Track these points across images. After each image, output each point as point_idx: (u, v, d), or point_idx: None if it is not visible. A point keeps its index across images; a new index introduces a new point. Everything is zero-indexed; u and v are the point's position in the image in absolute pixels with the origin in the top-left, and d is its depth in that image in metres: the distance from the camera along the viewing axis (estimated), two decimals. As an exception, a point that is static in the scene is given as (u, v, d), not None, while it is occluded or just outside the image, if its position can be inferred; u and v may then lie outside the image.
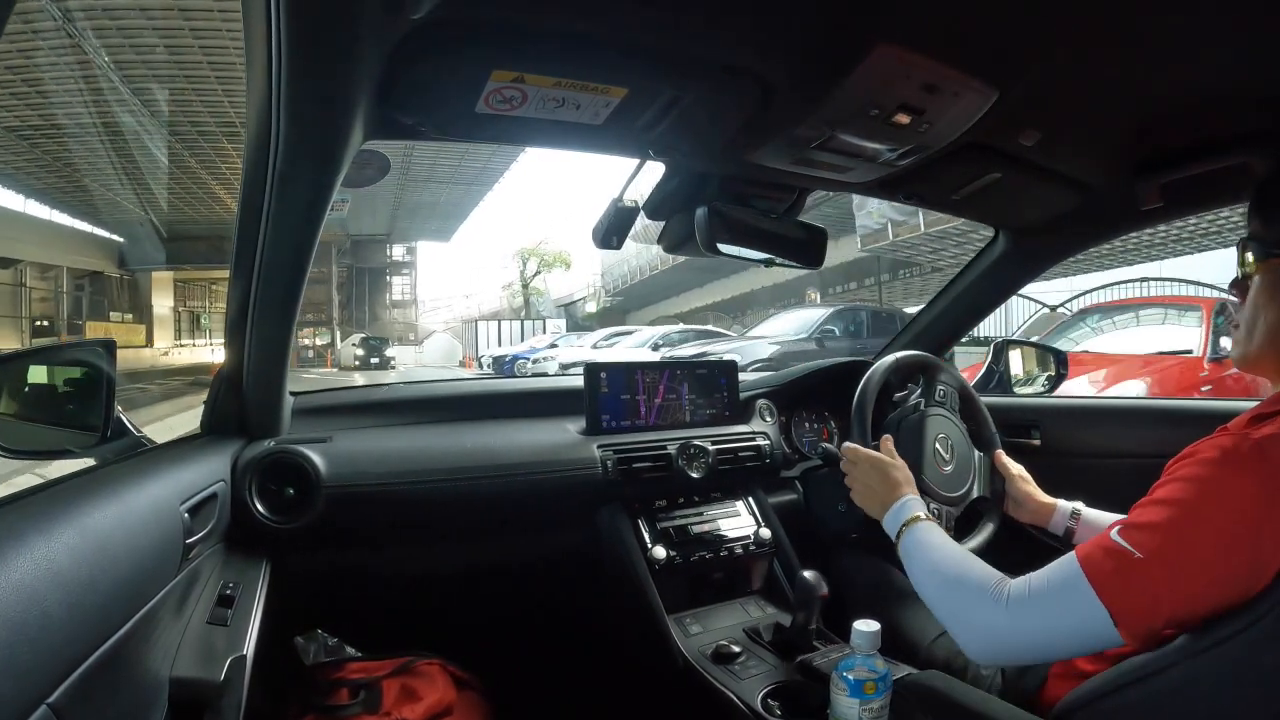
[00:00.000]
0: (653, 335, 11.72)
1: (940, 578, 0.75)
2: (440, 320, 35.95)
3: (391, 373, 19.73)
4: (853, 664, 0.74)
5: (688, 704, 1.01)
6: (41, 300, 19.74)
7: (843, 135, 0.81)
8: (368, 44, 0.58)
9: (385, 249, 29.85)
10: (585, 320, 26.82)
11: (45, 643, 0.44)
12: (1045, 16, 0.64)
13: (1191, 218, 7.18)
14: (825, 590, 0.96)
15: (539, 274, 26.28)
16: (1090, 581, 0.61)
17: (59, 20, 10.69)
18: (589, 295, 29.71)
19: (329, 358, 22.92)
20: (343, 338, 23.77)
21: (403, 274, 31.65)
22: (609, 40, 0.65)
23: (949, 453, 1.11)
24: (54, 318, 19.71)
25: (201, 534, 0.78)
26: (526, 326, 21.93)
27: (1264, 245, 0.66)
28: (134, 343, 22.19)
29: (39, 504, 0.55)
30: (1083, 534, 1.03)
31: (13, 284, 18.16)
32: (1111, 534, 0.62)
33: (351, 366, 20.50)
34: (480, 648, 1.19)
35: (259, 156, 0.68)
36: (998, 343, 1.58)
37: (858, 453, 0.96)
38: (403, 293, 31.86)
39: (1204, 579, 0.58)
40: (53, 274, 19.97)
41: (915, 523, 0.83)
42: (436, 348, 24.35)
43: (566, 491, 1.13)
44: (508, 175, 22.36)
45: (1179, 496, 0.60)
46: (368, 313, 28.79)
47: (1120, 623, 0.60)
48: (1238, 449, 0.59)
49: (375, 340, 22.03)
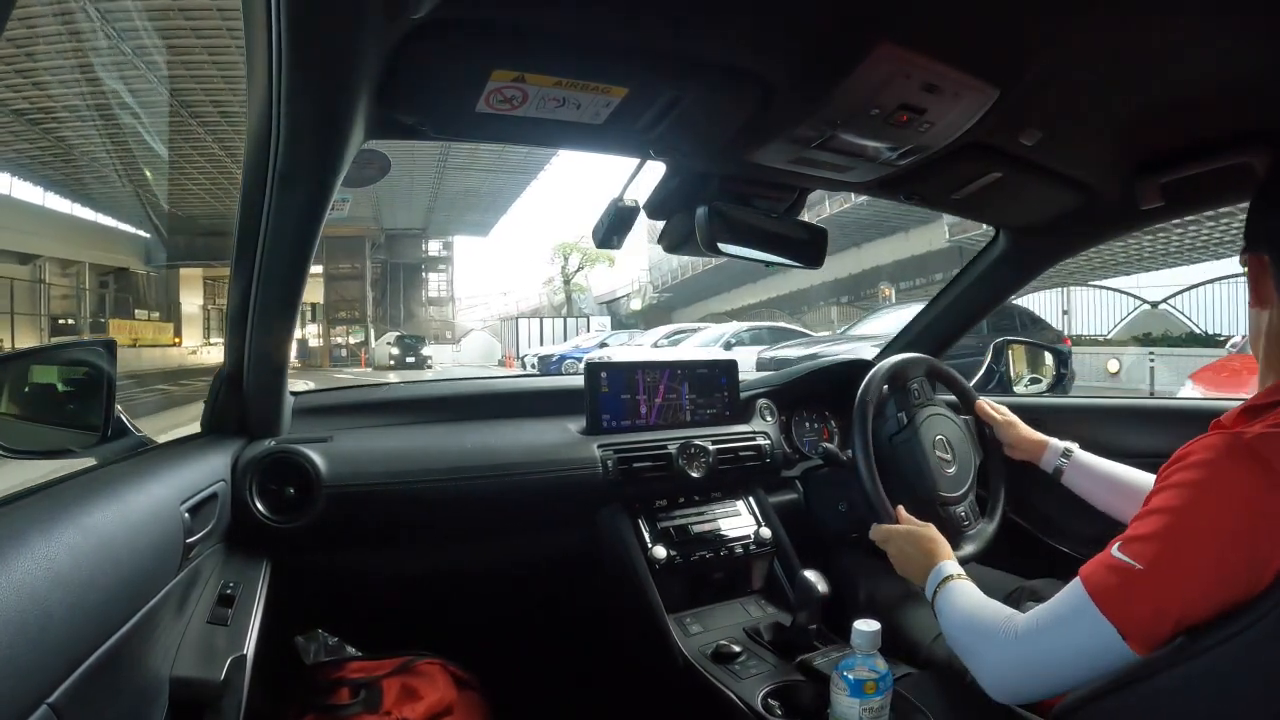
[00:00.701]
0: (722, 333, 10.62)
1: (961, 626, 0.77)
2: (477, 318, 35.09)
3: (428, 373, 19.03)
4: (853, 664, 0.74)
5: (688, 704, 1.01)
6: (63, 297, 19.41)
7: (843, 135, 0.81)
8: (368, 44, 0.58)
9: (421, 244, 29.00)
10: (629, 318, 26.04)
11: (45, 642, 0.44)
12: (1045, 16, 0.64)
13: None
14: (826, 590, 0.96)
15: (581, 269, 25.48)
16: (1095, 600, 0.62)
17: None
18: (633, 292, 28.71)
19: (363, 357, 22.29)
20: (377, 336, 23.19)
21: (439, 270, 30.74)
22: (609, 40, 0.65)
23: (949, 453, 1.12)
24: (76, 315, 19.33)
25: (202, 533, 0.78)
26: (569, 324, 21.31)
27: (1250, 243, 0.67)
28: (161, 341, 21.84)
29: (39, 504, 0.55)
30: (1071, 473, 1.06)
31: (31, 280, 17.82)
32: (1113, 550, 0.63)
33: (386, 366, 19.76)
34: (481, 647, 1.19)
35: (259, 156, 0.68)
36: (998, 343, 1.58)
37: (889, 531, 0.97)
38: (439, 289, 30.97)
39: (1204, 582, 0.58)
40: (74, 270, 19.61)
41: (948, 583, 0.84)
42: (475, 347, 23.74)
43: (567, 491, 1.13)
44: (553, 163, 21.75)
45: (1173, 504, 0.60)
46: (403, 310, 28.03)
47: (1129, 636, 0.60)
48: (1230, 450, 0.59)
49: (411, 339, 21.37)
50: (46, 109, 13.83)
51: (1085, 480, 1.05)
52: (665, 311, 26.34)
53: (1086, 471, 1.05)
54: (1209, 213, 7.27)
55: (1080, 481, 1.05)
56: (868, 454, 1.04)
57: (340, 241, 24.34)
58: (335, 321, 24.94)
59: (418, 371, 18.98)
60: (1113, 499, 1.01)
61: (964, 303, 1.44)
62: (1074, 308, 11.10)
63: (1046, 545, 1.28)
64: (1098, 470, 1.04)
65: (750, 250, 1.01)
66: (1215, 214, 8.30)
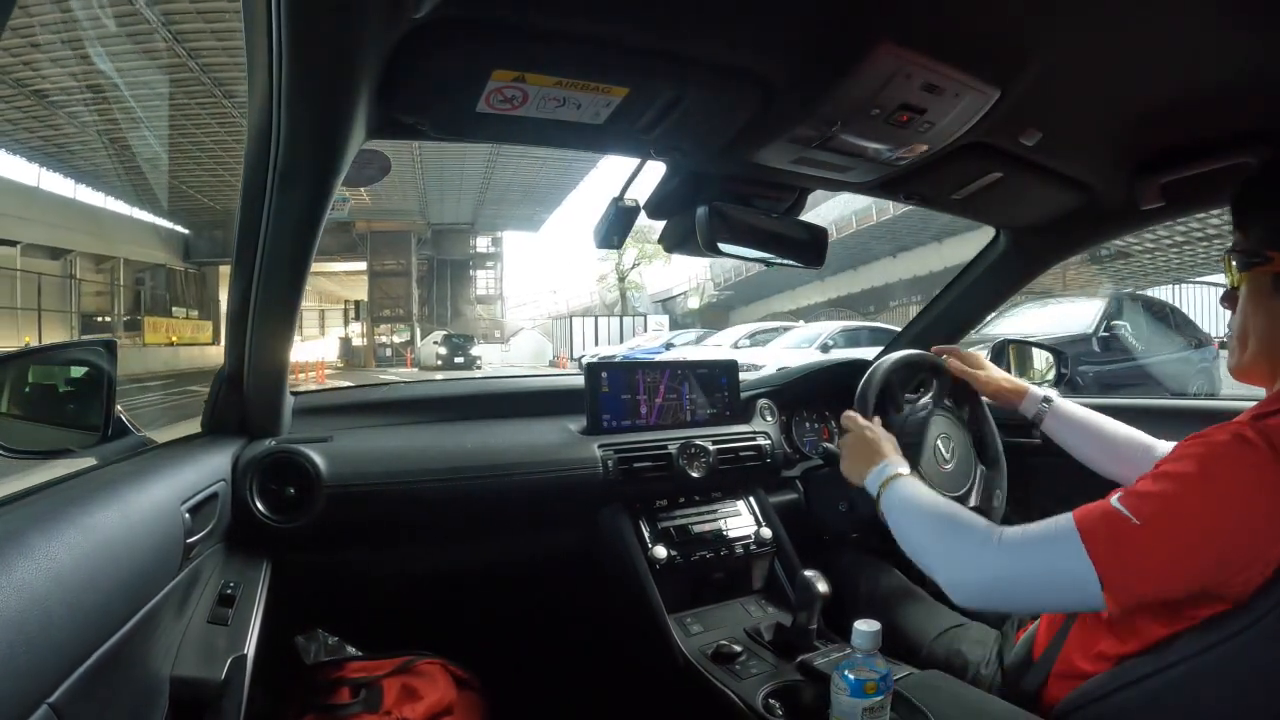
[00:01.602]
0: (817, 334, 9.30)
1: (930, 522, 0.76)
2: (526, 317, 34.04)
3: (477, 373, 17.71)
4: (853, 664, 0.74)
5: (688, 704, 1.01)
6: (96, 294, 18.84)
7: (843, 135, 0.81)
8: (368, 43, 0.58)
9: (468, 239, 27.42)
10: (685, 317, 25.19)
11: (46, 642, 0.44)
12: (1045, 16, 0.64)
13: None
14: (826, 589, 0.96)
15: (636, 266, 24.33)
16: (1083, 540, 0.62)
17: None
18: (690, 290, 27.14)
19: (408, 356, 21.63)
20: (423, 335, 22.39)
21: (487, 267, 29.37)
22: (610, 40, 0.65)
23: (950, 453, 1.12)
24: (110, 312, 18.76)
25: (202, 533, 0.78)
26: (625, 324, 20.46)
27: (1246, 256, 0.66)
28: (200, 340, 21.18)
29: (40, 504, 0.55)
30: (1051, 421, 1.06)
31: (61, 276, 17.24)
32: (1112, 500, 0.63)
33: (433, 366, 18.98)
34: (481, 647, 1.19)
35: (260, 156, 0.68)
36: (997, 343, 1.58)
37: (853, 420, 0.98)
38: (487, 287, 29.69)
39: (1198, 555, 0.58)
40: (108, 265, 19.04)
41: (896, 478, 0.84)
42: (525, 346, 22.73)
43: (567, 491, 1.13)
44: (609, 156, 21.37)
45: (1185, 471, 0.60)
46: (450, 308, 26.96)
47: (1107, 586, 0.60)
48: (1247, 437, 0.59)
49: (459, 338, 20.46)
50: (72, 93, 13.05)
51: (1064, 429, 1.05)
52: (723, 311, 25.44)
53: (1066, 419, 1.05)
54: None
55: (1059, 430, 1.05)
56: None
57: (385, 237, 23.57)
58: (380, 320, 24.12)
59: (466, 373, 17.91)
60: (1091, 449, 1.01)
61: (964, 302, 1.44)
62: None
63: None
64: (1077, 418, 1.04)
65: (750, 250, 1.01)
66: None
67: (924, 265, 17.70)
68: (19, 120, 14.03)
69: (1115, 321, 5.79)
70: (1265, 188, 0.68)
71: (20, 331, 14.48)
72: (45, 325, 15.71)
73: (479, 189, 21.87)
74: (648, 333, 17.55)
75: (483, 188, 21.79)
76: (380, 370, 19.62)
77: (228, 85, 13.38)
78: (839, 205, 17.01)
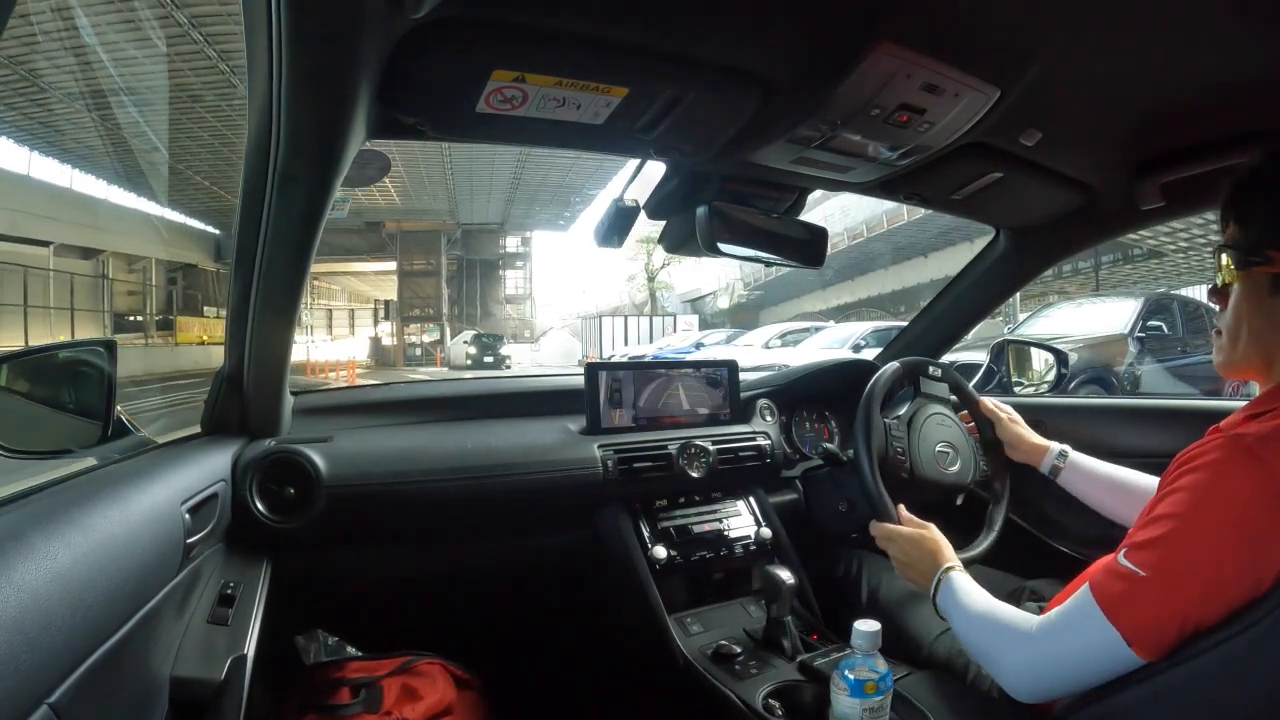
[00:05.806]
0: (850, 334, 9.08)
1: (977, 625, 0.77)
2: (555, 316, 33.88)
3: (507, 374, 18.18)
4: (853, 664, 0.74)
5: (688, 704, 1.00)
6: (128, 294, 18.92)
7: (843, 135, 0.81)
8: (368, 43, 0.58)
9: (498, 239, 27.17)
10: (714, 317, 24.91)
11: (46, 642, 0.44)
12: (1045, 16, 0.64)
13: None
14: (792, 579, 0.98)
15: (665, 266, 24.08)
16: (1100, 606, 0.62)
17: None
18: (720, 290, 26.61)
19: (438, 356, 21.53)
20: (453, 335, 22.46)
21: (516, 267, 29.01)
22: (610, 40, 0.65)
23: (951, 454, 1.12)
24: (142, 311, 18.90)
25: (202, 533, 0.78)
26: (655, 324, 20.44)
27: (1242, 253, 0.66)
28: None
29: (40, 503, 0.55)
30: (1068, 475, 1.07)
31: (94, 275, 17.23)
32: (1119, 558, 0.63)
33: (463, 365, 18.81)
34: (481, 647, 1.19)
35: (259, 156, 0.68)
36: (997, 343, 1.58)
37: (892, 531, 0.97)
38: (517, 287, 29.42)
39: (1207, 587, 0.58)
40: (140, 265, 19.12)
41: (949, 573, 0.84)
42: (554, 346, 22.38)
43: (567, 491, 1.13)
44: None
45: (1175, 510, 0.61)
46: (479, 308, 26.76)
47: (1134, 643, 0.60)
48: (1230, 453, 0.59)
49: (489, 338, 20.32)
50: (100, 94, 12.85)
51: (1081, 482, 1.05)
52: (753, 311, 25.33)
53: (1082, 473, 1.05)
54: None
55: (1076, 483, 1.06)
56: (870, 454, 1.04)
57: (415, 236, 23.53)
58: (409, 320, 24.09)
59: (496, 373, 18.45)
60: (1109, 500, 1.01)
61: (964, 303, 1.44)
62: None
63: (1046, 545, 1.28)
64: (1093, 472, 1.04)
65: (750, 250, 1.01)
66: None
67: (955, 265, 17.41)
68: (51, 122, 14.07)
69: (1151, 321, 5.69)
70: (1268, 185, 0.66)
71: (54, 331, 14.48)
72: (79, 324, 15.74)
73: (509, 189, 21.78)
74: (677, 333, 17.49)
75: (512, 188, 21.70)
76: (409, 369, 19.58)
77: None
78: (870, 205, 16.78)
